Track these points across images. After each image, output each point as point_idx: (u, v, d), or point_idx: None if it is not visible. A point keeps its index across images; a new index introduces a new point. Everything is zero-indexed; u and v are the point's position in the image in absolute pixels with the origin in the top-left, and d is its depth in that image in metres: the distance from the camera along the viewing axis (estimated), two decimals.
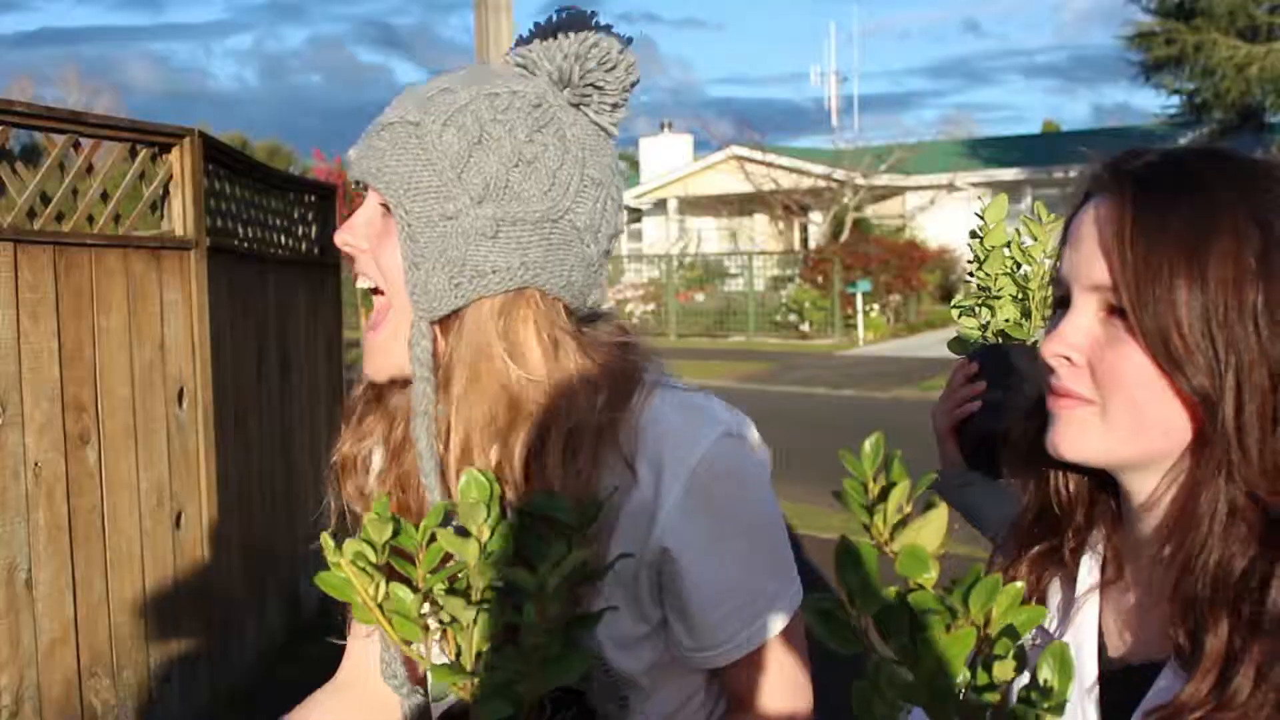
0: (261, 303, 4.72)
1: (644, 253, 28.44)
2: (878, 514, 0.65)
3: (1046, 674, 0.64)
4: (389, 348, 1.15)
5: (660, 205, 30.23)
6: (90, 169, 3.49)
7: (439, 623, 0.95)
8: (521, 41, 1.19)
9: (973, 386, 1.51)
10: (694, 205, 29.00)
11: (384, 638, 1.18)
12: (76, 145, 3.43)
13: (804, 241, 27.13)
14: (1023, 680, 0.97)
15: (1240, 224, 0.87)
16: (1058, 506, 1.03)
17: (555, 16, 1.18)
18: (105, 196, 3.54)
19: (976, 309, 1.66)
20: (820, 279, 21.08)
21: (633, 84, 1.19)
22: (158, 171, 3.74)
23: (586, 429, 1.11)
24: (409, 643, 0.96)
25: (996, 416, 1.44)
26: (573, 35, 1.15)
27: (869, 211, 26.41)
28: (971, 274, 1.68)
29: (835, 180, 24.92)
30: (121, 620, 3.50)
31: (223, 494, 4.01)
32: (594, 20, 1.17)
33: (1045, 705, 0.63)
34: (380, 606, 0.95)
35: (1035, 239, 1.61)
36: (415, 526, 0.95)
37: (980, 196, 1.69)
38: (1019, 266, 1.63)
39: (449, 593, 0.93)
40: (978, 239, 1.65)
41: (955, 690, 0.63)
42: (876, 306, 20.96)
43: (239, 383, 4.35)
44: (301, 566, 4.99)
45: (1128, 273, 0.89)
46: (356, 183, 1.16)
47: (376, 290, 1.16)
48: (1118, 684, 0.97)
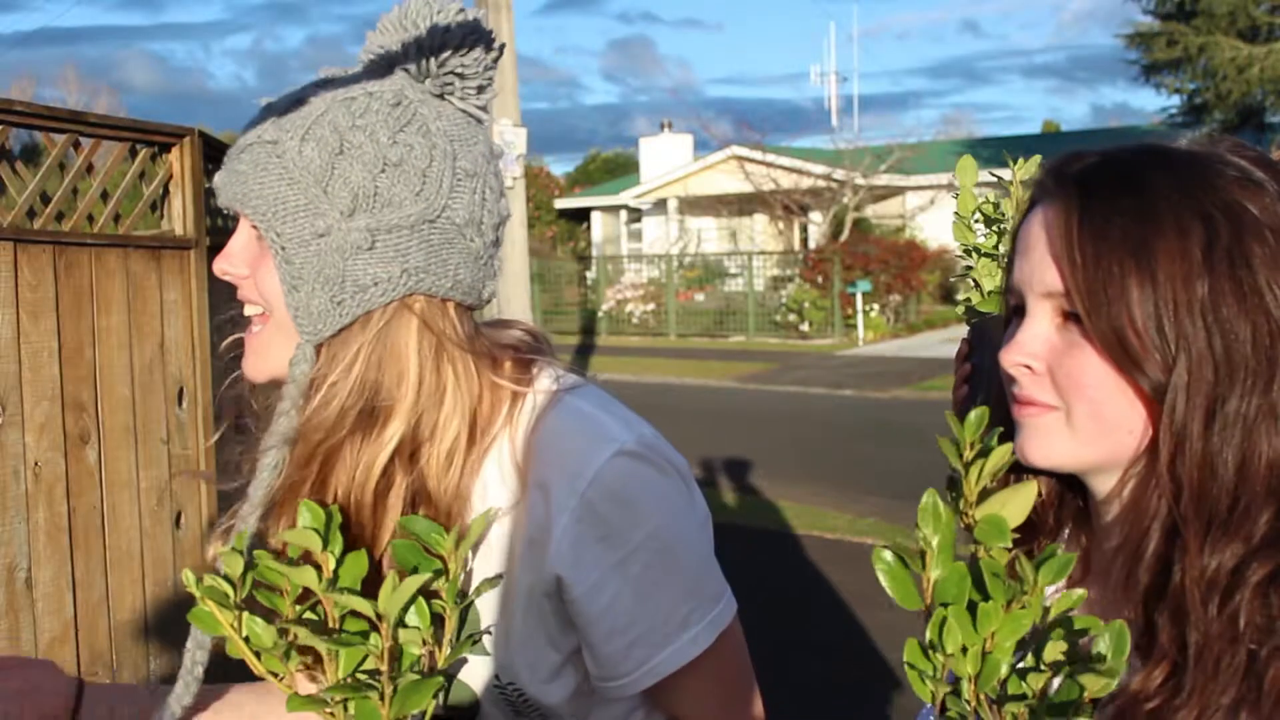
0: None
1: (644, 253, 28.45)
2: (973, 469, 0.66)
3: (1103, 647, 0.63)
4: (268, 351, 1.13)
5: (660, 205, 30.24)
6: (90, 168, 3.49)
7: (299, 652, 0.93)
8: (374, 35, 1.13)
9: (964, 367, 1.50)
10: (694, 205, 29.00)
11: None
12: (76, 145, 3.43)
13: (804, 241, 27.13)
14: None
15: (1183, 220, 0.88)
16: (1034, 510, 1.02)
17: (403, 5, 1.11)
18: (105, 196, 3.55)
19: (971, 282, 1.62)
20: (820, 279, 21.08)
21: (494, 60, 1.12)
22: (158, 171, 3.74)
23: (461, 444, 1.07)
24: (276, 675, 0.93)
25: (976, 393, 1.43)
26: (424, 24, 1.08)
27: (869, 211, 26.42)
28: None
29: (835, 180, 24.92)
30: (121, 620, 3.50)
31: (223, 494, 4.00)
32: (445, 4, 1.10)
33: (1102, 669, 0.62)
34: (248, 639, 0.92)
35: (1007, 192, 1.51)
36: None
37: (987, 198, 1.62)
38: (990, 224, 1.53)
39: (299, 622, 0.91)
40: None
41: (1001, 667, 0.64)
42: (876, 306, 20.95)
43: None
44: None
45: (1078, 277, 0.90)
46: (226, 210, 1.12)
47: (263, 314, 1.13)
48: None
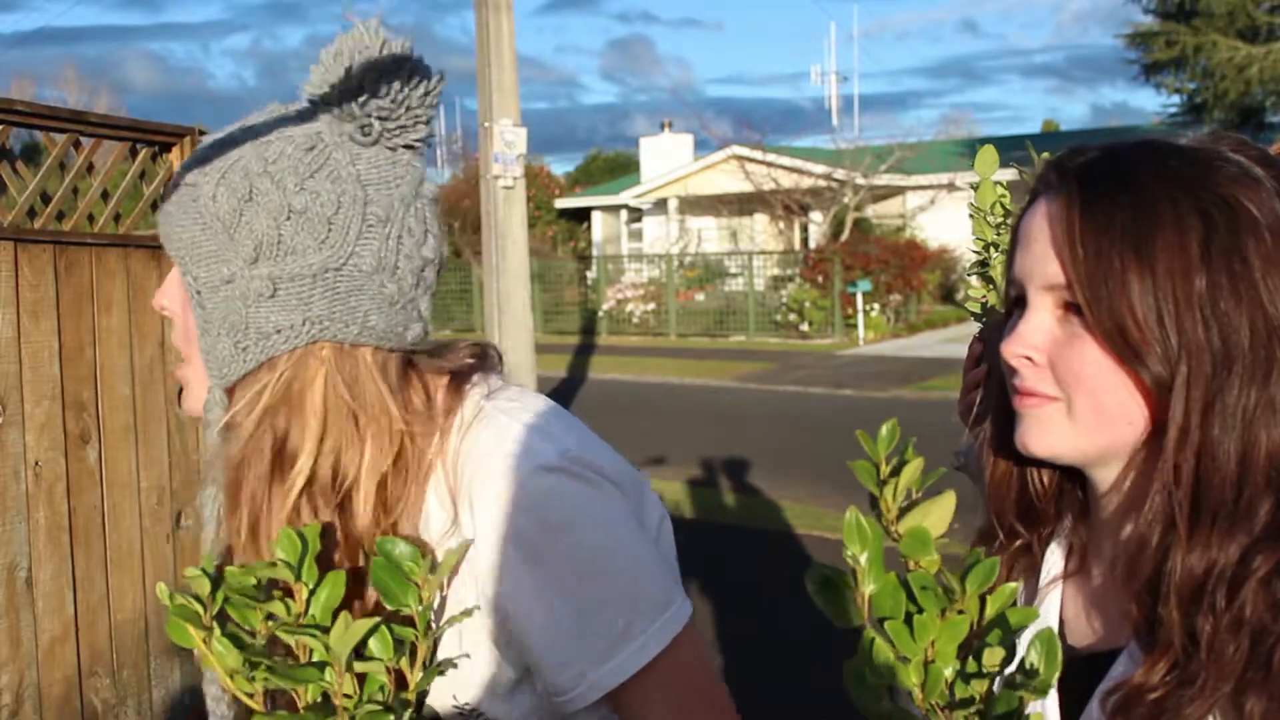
0: None
1: (644, 252, 28.45)
2: (887, 489, 0.67)
3: (1034, 657, 0.64)
4: (190, 389, 1.15)
5: (660, 205, 30.24)
6: (91, 168, 3.49)
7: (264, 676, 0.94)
8: (314, 70, 1.11)
9: (977, 370, 1.48)
10: (694, 205, 29.00)
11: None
12: (77, 144, 3.43)
13: (804, 241, 27.13)
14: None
15: (1182, 214, 0.89)
16: (1035, 499, 1.05)
17: (338, 41, 1.10)
18: (106, 196, 3.55)
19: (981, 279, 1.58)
20: (820, 279, 21.08)
21: (424, 98, 1.10)
22: (158, 171, 3.74)
23: (390, 484, 1.08)
24: (249, 694, 0.94)
25: (991, 398, 1.41)
26: (349, 63, 1.07)
27: (869, 211, 26.42)
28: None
29: (835, 180, 24.92)
30: (122, 619, 3.50)
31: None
32: (378, 40, 1.09)
33: (1032, 685, 0.63)
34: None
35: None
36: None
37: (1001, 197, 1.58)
38: (1009, 217, 1.50)
39: (262, 652, 0.92)
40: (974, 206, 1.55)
41: (944, 675, 0.64)
42: (877, 306, 20.96)
43: None
44: None
45: (1079, 270, 0.91)
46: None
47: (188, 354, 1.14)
48: (1077, 671, 0.98)
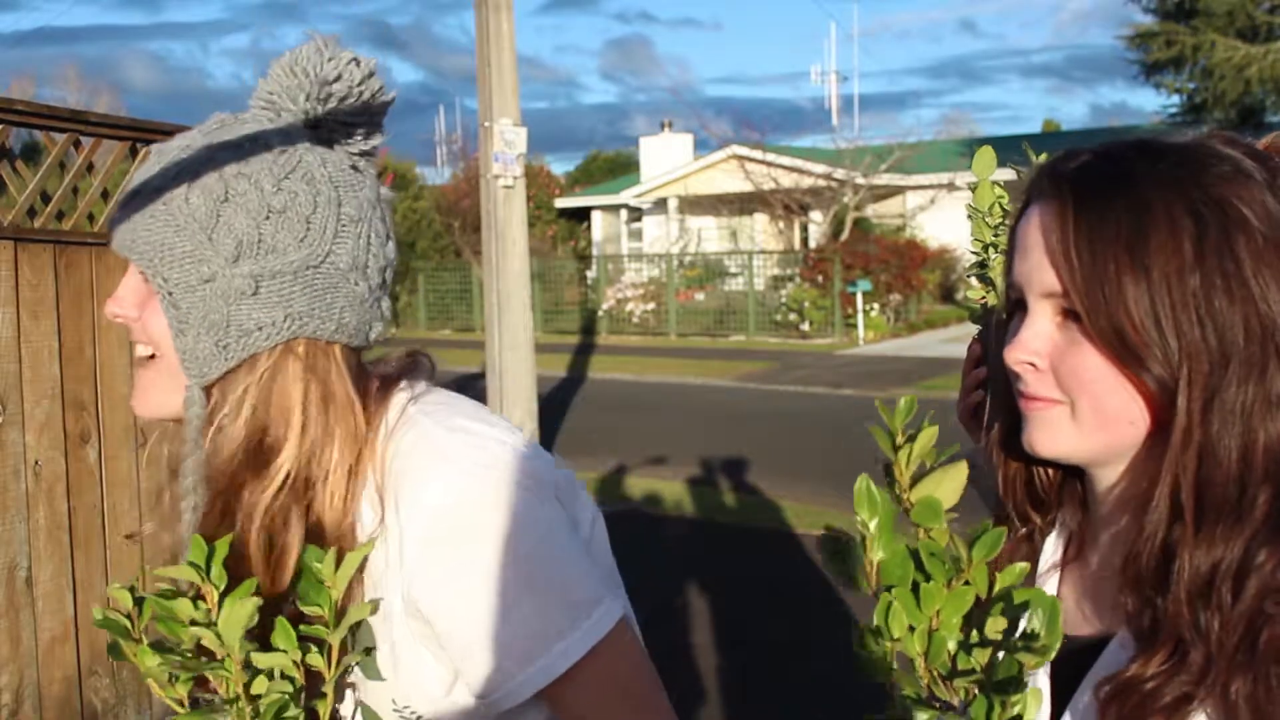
0: None
1: (644, 252, 28.44)
2: (901, 454, 0.68)
3: (1036, 624, 0.66)
4: (153, 390, 1.16)
5: (660, 204, 30.24)
6: (91, 168, 3.49)
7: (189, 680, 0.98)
8: (264, 81, 1.15)
9: (977, 371, 1.49)
10: (694, 204, 29.00)
11: None
12: (77, 144, 3.43)
13: (804, 241, 27.13)
14: None
15: (1174, 216, 0.90)
16: (1041, 491, 1.08)
17: (297, 49, 1.13)
18: (106, 195, 3.55)
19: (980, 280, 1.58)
20: (820, 278, 21.08)
21: (383, 108, 1.15)
22: None
23: (347, 482, 1.10)
24: (177, 700, 0.99)
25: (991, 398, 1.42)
26: (314, 71, 1.11)
27: (869, 211, 26.41)
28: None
29: (835, 180, 24.91)
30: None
31: None
32: (336, 49, 1.12)
33: (1033, 649, 0.64)
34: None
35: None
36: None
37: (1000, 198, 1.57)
38: (1006, 217, 1.49)
39: (182, 653, 0.97)
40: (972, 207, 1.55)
41: (948, 645, 0.65)
42: (876, 306, 20.96)
43: None
44: None
45: (1076, 278, 0.92)
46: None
47: (152, 356, 1.15)
48: (1070, 659, 1.00)
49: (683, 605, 5.91)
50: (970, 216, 1.52)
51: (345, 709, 1.14)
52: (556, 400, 13.24)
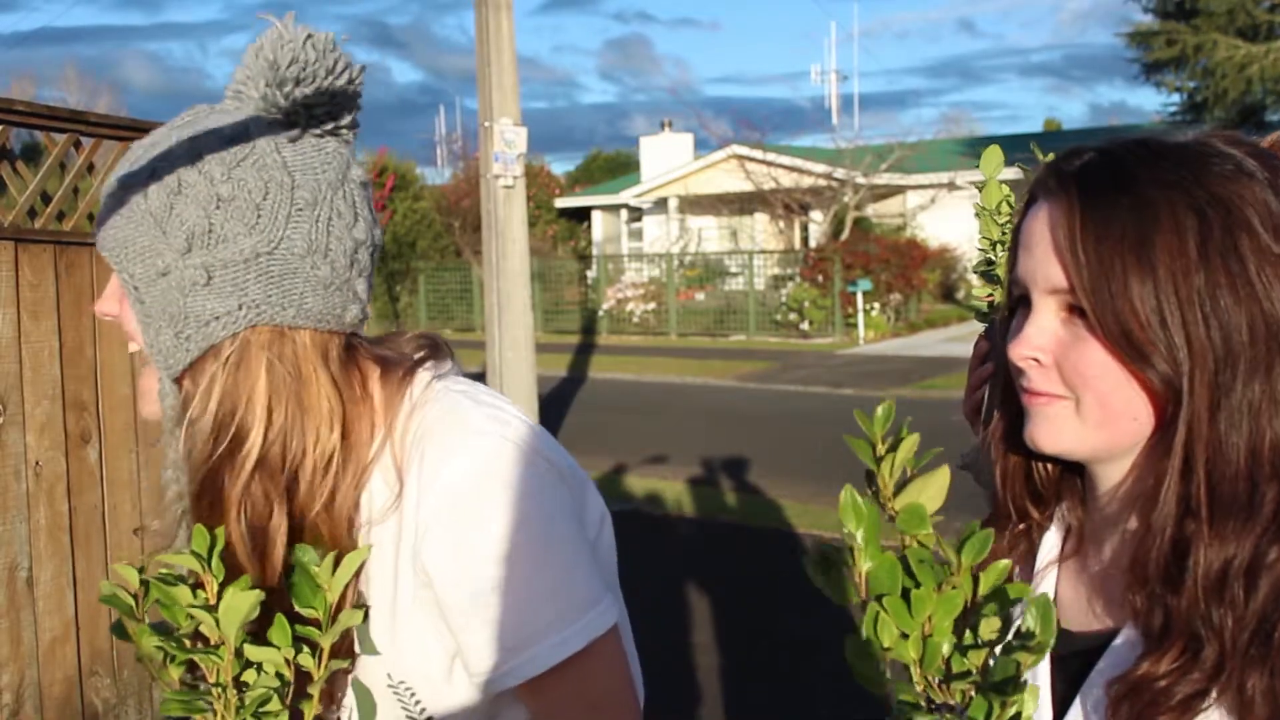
0: None
1: (644, 252, 28.45)
2: (884, 465, 0.68)
3: (1030, 622, 0.66)
4: (149, 388, 1.17)
5: (661, 204, 30.24)
6: (91, 168, 3.49)
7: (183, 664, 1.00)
8: (236, 70, 1.15)
9: (983, 368, 1.48)
10: (694, 204, 29.00)
11: None
12: (77, 144, 3.43)
13: (804, 240, 27.13)
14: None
15: (1179, 215, 0.91)
16: (1040, 486, 1.08)
17: (260, 38, 1.13)
18: None
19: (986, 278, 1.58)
20: (820, 278, 21.08)
21: (348, 86, 1.14)
22: None
23: (335, 467, 1.11)
24: (171, 684, 1.00)
25: (997, 396, 1.41)
26: (274, 56, 1.11)
27: (869, 210, 26.41)
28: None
29: (836, 179, 24.91)
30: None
31: None
32: (293, 32, 1.12)
33: (1029, 647, 0.64)
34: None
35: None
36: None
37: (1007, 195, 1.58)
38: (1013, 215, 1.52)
39: (178, 636, 0.98)
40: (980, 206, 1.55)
41: (942, 648, 0.66)
42: (877, 305, 20.95)
43: None
44: None
45: (1082, 274, 0.93)
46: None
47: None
48: (1073, 655, 1.01)
49: (683, 604, 5.91)
50: (978, 214, 1.53)
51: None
52: (557, 400, 13.24)
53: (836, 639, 0.98)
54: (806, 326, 21.07)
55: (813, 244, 25.08)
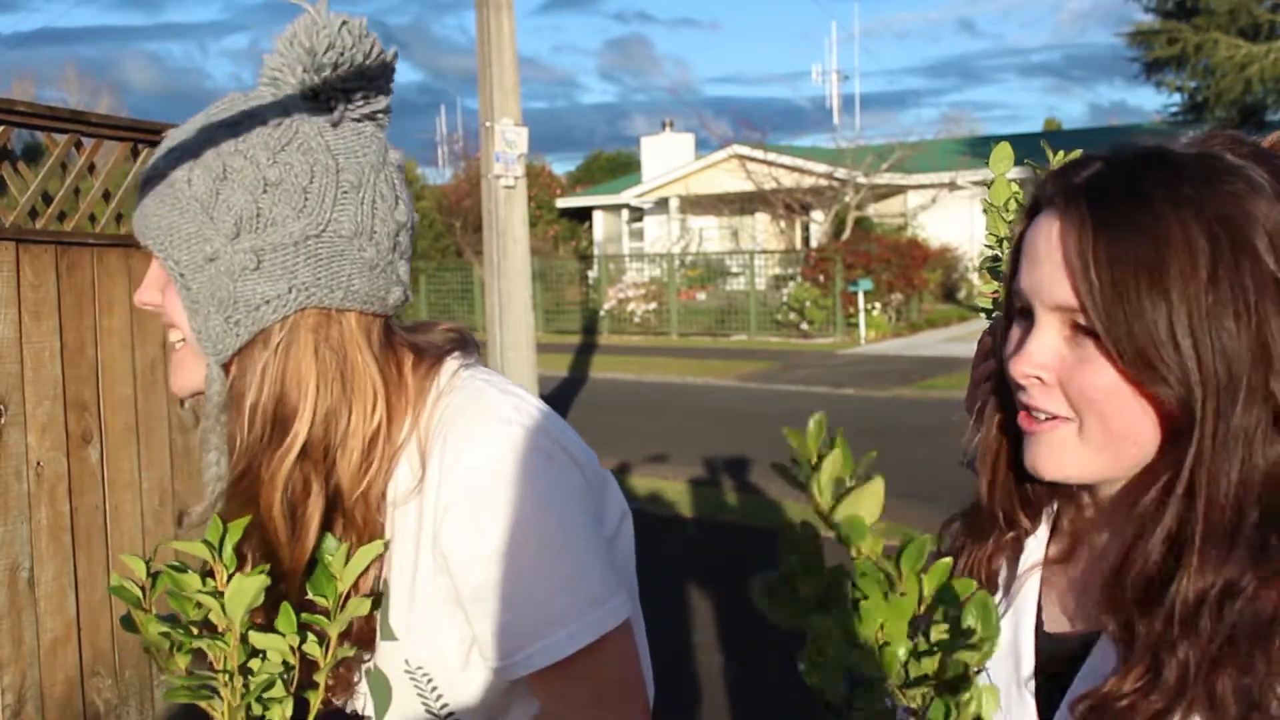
0: None
1: (645, 252, 28.44)
2: (814, 483, 0.68)
3: (971, 620, 0.66)
4: (182, 369, 1.18)
5: (662, 204, 30.23)
6: (92, 168, 3.49)
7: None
8: (269, 58, 1.16)
9: (987, 364, 1.47)
10: (695, 204, 28.99)
11: None
12: (78, 145, 3.43)
13: (805, 240, 27.12)
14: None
15: (1191, 236, 0.89)
16: (1032, 494, 1.06)
17: (292, 25, 1.14)
18: (107, 196, 3.55)
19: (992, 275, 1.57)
20: (822, 278, 21.07)
21: (381, 69, 1.15)
22: None
23: (373, 449, 1.12)
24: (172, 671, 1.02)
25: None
26: (309, 43, 1.12)
27: (870, 210, 26.40)
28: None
29: (837, 179, 24.90)
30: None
31: None
32: (327, 18, 1.13)
33: (971, 644, 0.65)
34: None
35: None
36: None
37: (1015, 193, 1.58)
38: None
39: (186, 624, 1.00)
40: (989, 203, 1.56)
41: (898, 657, 0.66)
42: (878, 305, 20.95)
43: None
44: None
45: (1095, 295, 0.90)
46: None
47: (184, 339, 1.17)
48: (1053, 657, 1.00)
49: (683, 604, 5.91)
50: (985, 210, 1.53)
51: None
52: (558, 400, 13.24)
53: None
54: (807, 326, 21.06)
55: (814, 244, 25.07)
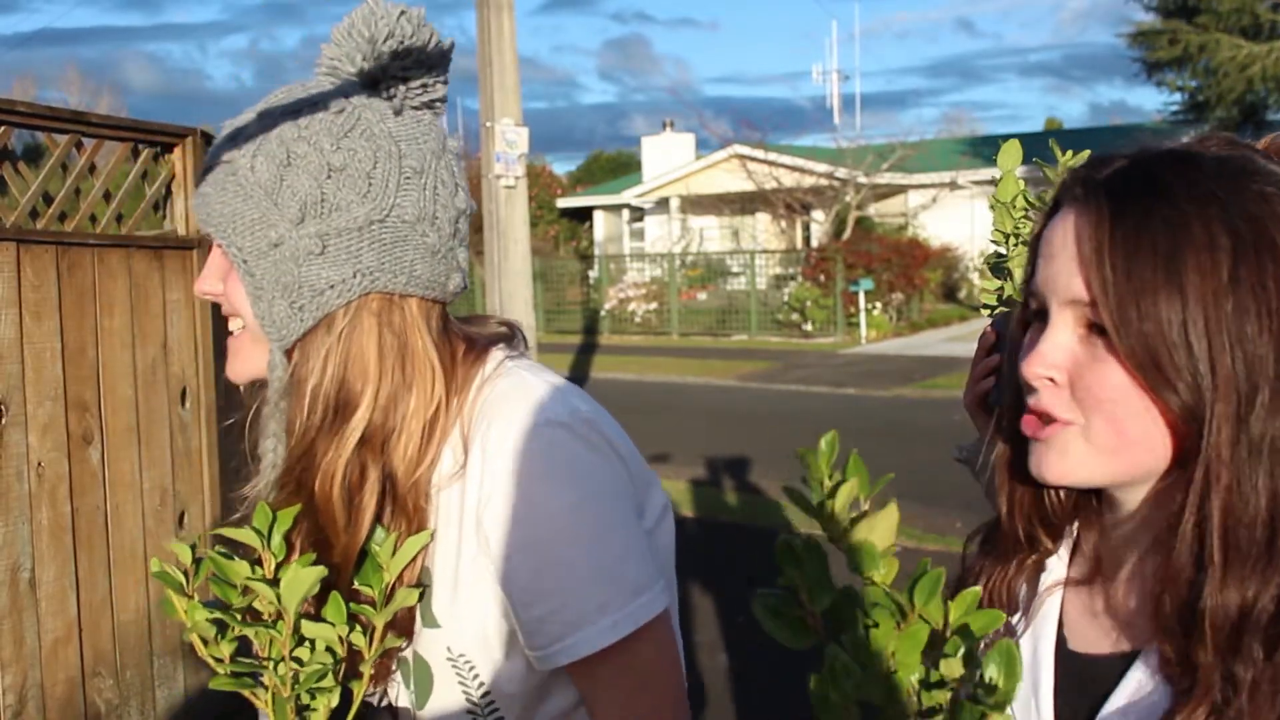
0: None
1: (646, 252, 28.43)
2: (826, 508, 0.66)
3: (993, 672, 0.64)
4: (241, 355, 1.18)
5: (662, 204, 30.23)
6: (93, 169, 3.49)
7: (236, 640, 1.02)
8: (326, 47, 1.18)
9: (989, 359, 1.46)
10: (696, 204, 28.99)
11: None
12: (79, 145, 3.43)
13: (806, 240, 27.11)
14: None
15: (1213, 234, 0.86)
16: (1052, 513, 1.02)
17: (351, 15, 1.16)
18: (108, 196, 3.55)
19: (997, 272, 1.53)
20: (822, 277, 21.07)
21: (439, 56, 1.17)
22: (160, 171, 3.74)
23: (426, 435, 1.13)
24: (217, 659, 1.02)
25: (1003, 389, 1.39)
26: (368, 31, 1.13)
27: (871, 210, 26.40)
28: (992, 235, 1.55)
29: (837, 179, 24.90)
30: (124, 620, 3.50)
31: (225, 494, 4.01)
32: (384, 7, 1.14)
33: (991, 701, 0.63)
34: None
35: (1051, 182, 1.38)
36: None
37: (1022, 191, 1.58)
38: (1030, 212, 1.48)
39: (234, 610, 1.00)
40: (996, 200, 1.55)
41: (908, 686, 0.64)
42: (879, 305, 20.94)
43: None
44: None
45: (1108, 291, 0.87)
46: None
47: (243, 326, 1.18)
48: (1075, 676, 0.97)
49: (684, 604, 5.90)
50: (993, 207, 1.52)
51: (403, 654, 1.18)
52: None
53: None
54: (808, 326, 21.05)
55: (814, 244, 25.07)
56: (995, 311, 1.53)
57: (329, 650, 1.01)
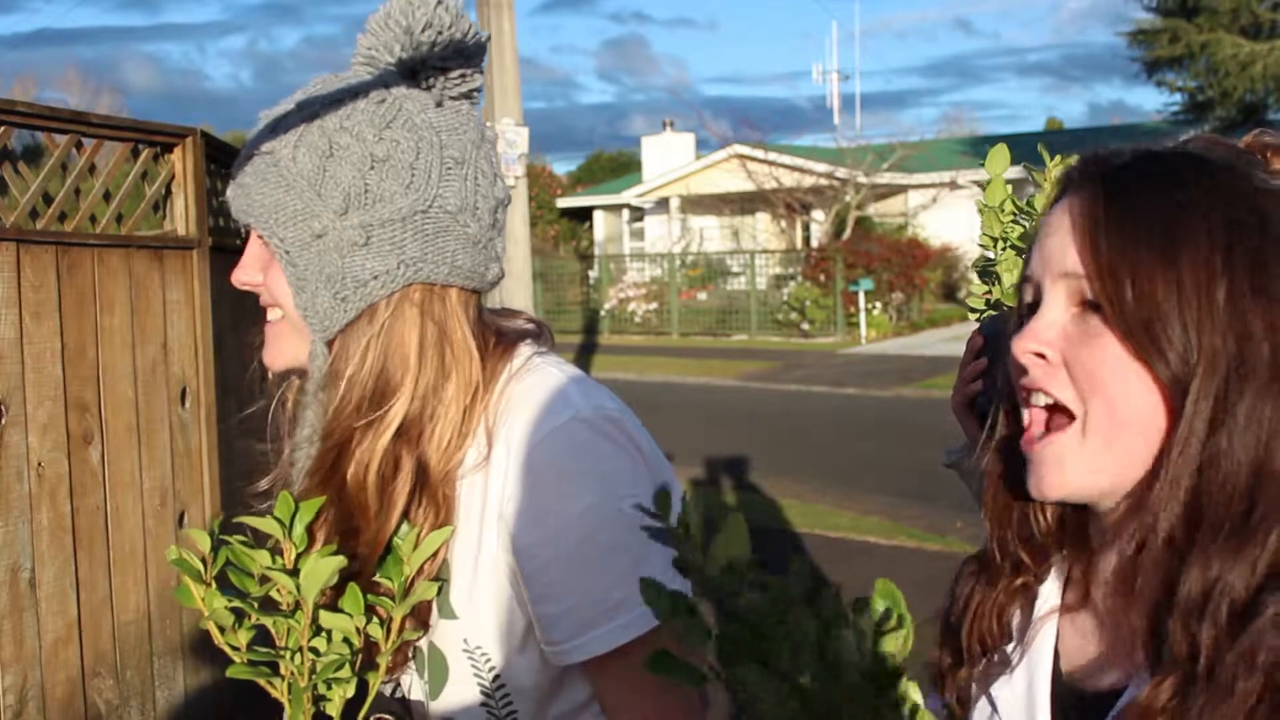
0: None
1: (646, 252, 28.43)
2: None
3: (880, 608, 0.62)
4: (280, 343, 1.18)
5: (662, 204, 30.23)
6: (93, 169, 3.49)
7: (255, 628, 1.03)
8: (363, 38, 1.17)
9: (977, 363, 1.46)
10: (696, 204, 28.98)
11: None
12: (79, 145, 3.43)
13: (806, 240, 27.12)
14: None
15: (1212, 226, 0.86)
16: (1036, 533, 1.01)
17: (386, 6, 1.16)
18: (108, 196, 3.55)
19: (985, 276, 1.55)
20: (822, 277, 21.07)
21: (477, 47, 1.17)
22: (160, 171, 3.74)
23: (458, 426, 1.13)
24: (234, 647, 1.03)
25: (990, 391, 1.39)
26: (405, 22, 1.13)
27: (871, 210, 26.40)
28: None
29: (837, 179, 24.90)
30: (125, 620, 3.50)
31: (225, 494, 4.01)
32: (428, 2, 1.14)
33: (888, 627, 0.61)
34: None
35: (1039, 186, 1.45)
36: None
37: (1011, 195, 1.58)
38: (1019, 216, 1.49)
39: (251, 599, 1.00)
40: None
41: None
42: (879, 305, 20.94)
43: (241, 382, 4.35)
44: None
45: (1101, 261, 0.88)
46: (239, 222, 1.17)
47: (282, 317, 1.17)
48: (1073, 706, 0.96)
49: None
50: (981, 211, 1.52)
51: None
52: None
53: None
54: (808, 326, 21.06)
55: (814, 243, 25.08)
56: (982, 315, 1.54)
57: (346, 641, 1.01)
